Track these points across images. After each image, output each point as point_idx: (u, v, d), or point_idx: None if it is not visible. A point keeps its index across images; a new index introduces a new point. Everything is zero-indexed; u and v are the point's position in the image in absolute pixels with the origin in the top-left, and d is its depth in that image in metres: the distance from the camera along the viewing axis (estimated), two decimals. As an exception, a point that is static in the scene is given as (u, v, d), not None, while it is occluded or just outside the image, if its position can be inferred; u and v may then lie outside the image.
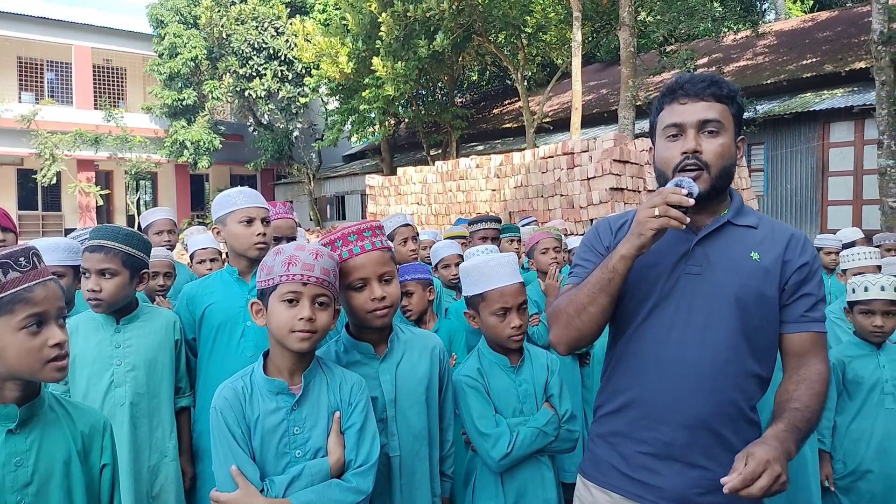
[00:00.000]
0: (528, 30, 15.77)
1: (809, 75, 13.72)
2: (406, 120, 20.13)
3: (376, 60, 14.89)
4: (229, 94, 20.15)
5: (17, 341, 1.23)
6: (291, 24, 18.65)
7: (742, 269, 1.46)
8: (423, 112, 18.51)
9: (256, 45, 19.20)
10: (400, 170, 13.03)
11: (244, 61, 19.32)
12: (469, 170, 11.08)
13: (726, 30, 17.10)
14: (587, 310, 1.46)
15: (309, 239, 3.38)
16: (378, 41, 15.29)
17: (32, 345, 1.24)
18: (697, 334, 1.45)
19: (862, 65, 12.64)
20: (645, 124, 10.13)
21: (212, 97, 20.05)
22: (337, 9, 17.16)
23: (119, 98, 22.84)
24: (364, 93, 15.86)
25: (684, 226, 1.35)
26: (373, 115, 17.15)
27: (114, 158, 20.46)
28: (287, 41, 19.08)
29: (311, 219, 22.07)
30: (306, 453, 1.54)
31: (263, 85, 19.23)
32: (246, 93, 19.69)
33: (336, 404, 1.59)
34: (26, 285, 1.24)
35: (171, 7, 20.05)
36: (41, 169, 19.06)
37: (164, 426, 2.21)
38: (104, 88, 22.26)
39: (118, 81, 23.06)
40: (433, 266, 3.58)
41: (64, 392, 2.11)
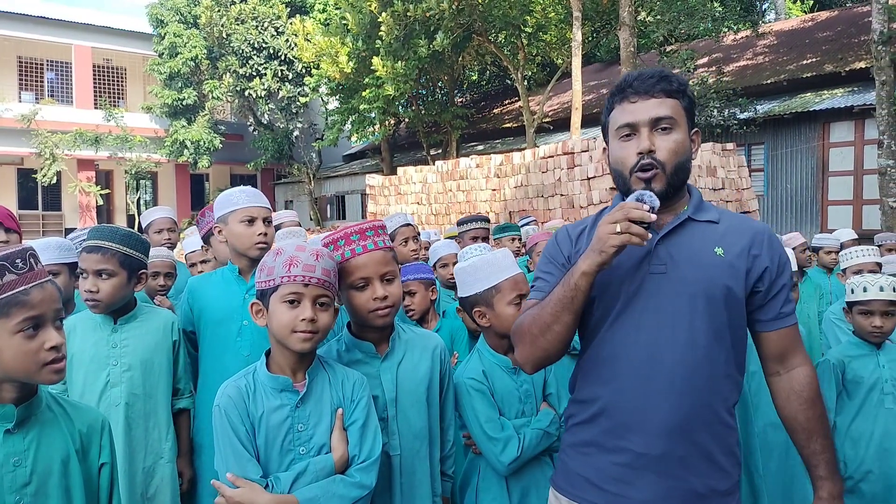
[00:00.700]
0: (528, 30, 15.77)
1: (809, 75, 13.70)
2: (406, 120, 20.12)
3: (376, 60, 14.89)
4: (229, 94, 20.17)
5: (14, 344, 1.22)
6: (291, 24, 18.66)
7: (707, 265, 1.44)
8: (423, 112, 18.51)
9: (256, 45, 19.21)
10: (400, 169, 13.04)
11: (244, 61, 19.32)
12: (469, 169, 11.08)
13: (726, 30, 17.10)
14: (551, 328, 1.43)
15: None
16: (378, 41, 15.28)
17: (29, 348, 1.23)
18: (668, 333, 1.42)
19: (862, 65, 12.63)
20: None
21: (212, 97, 20.08)
22: (337, 8, 17.14)
23: (119, 98, 22.86)
24: (364, 92, 15.86)
25: (645, 242, 1.32)
26: (373, 115, 17.15)
27: (114, 158, 20.48)
28: (287, 41, 19.09)
29: (312, 218, 22.08)
30: (310, 450, 1.54)
31: (263, 84, 19.24)
32: (246, 92, 19.70)
33: (339, 401, 1.59)
34: (22, 288, 1.23)
35: (171, 7, 20.08)
36: (41, 168, 19.08)
37: (161, 427, 2.19)
38: (104, 88, 22.29)
39: (118, 81, 23.08)
40: (431, 265, 3.57)
41: (62, 391, 2.10)
